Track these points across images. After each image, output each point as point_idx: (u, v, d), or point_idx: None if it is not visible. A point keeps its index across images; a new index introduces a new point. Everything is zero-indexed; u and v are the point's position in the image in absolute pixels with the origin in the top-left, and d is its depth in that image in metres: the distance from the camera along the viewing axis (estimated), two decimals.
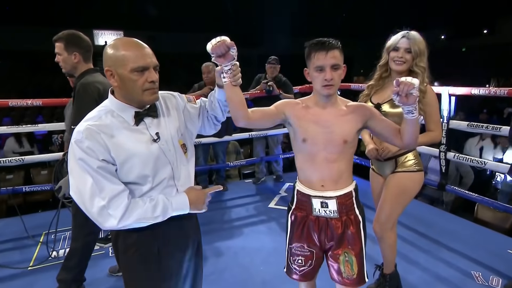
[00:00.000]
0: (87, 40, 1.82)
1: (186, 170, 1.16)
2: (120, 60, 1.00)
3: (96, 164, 0.97)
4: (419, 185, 1.72)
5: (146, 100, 1.04)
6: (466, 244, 2.44)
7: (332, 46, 1.17)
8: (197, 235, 1.24)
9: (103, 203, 0.97)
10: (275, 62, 3.63)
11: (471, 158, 2.64)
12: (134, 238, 1.07)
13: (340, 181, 1.27)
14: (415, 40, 1.60)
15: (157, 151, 1.06)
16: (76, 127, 1.01)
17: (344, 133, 1.24)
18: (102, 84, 1.77)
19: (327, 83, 1.18)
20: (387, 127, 1.28)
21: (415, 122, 1.18)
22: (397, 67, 1.62)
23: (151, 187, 1.06)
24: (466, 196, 2.71)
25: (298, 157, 1.31)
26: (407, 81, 1.08)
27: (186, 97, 1.25)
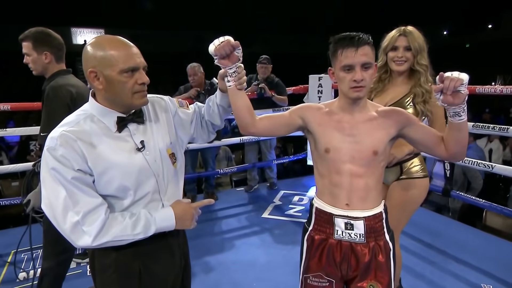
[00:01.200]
0: (58, 38, 1.78)
1: (174, 182, 1.13)
2: (107, 60, 0.96)
3: (70, 174, 0.93)
4: (425, 192, 1.71)
5: (136, 103, 1.02)
6: (475, 255, 2.44)
7: (363, 42, 1.08)
8: (184, 251, 1.20)
9: (76, 218, 0.93)
10: (266, 61, 3.62)
11: (477, 162, 2.65)
12: (113, 256, 1.03)
13: (368, 200, 1.16)
14: (413, 36, 1.59)
15: (141, 161, 1.03)
16: (50, 133, 0.97)
17: (374, 142, 1.14)
18: (75, 87, 1.73)
19: (357, 85, 1.09)
20: (428, 134, 1.16)
21: (463, 126, 1.06)
22: (398, 67, 1.62)
23: (133, 201, 1.03)
24: (473, 202, 2.72)
25: (319, 169, 1.22)
26: (453, 76, 0.97)
27: (177, 101, 1.22)
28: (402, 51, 1.60)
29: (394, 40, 1.61)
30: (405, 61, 1.61)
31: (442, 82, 0.99)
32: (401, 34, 1.61)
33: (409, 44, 1.59)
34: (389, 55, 1.64)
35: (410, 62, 1.61)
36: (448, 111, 1.05)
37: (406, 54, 1.60)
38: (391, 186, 1.72)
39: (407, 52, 1.60)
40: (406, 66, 1.62)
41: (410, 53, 1.59)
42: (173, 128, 1.16)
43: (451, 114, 1.05)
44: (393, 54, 1.62)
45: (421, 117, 1.60)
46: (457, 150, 1.11)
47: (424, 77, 1.59)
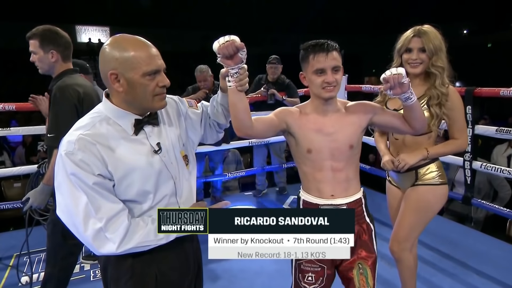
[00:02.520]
0: (66, 36, 1.82)
1: (188, 184, 1.15)
2: (130, 62, 0.96)
3: (91, 179, 0.94)
4: (442, 200, 1.69)
5: (156, 106, 1.04)
6: (497, 267, 2.40)
7: (332, 48, 1.23)
8: (198, 257, 1.22)
9: (99, 225, 0.94)
10: (276, 61, 3.62)
11: (500, 168, 2.61)
12: (129, 263, 1.04)
13: (349, 189, 1.33)
14: (428, 36, 1.57)
15: (159, 164, 1.05)
16: (66, 137, 0.99)
17: (349, 137, 1.30)
18: (82, 87, 1.76)
19: (329, 86, 1.24)
20: (393, 117, 1.36)
21: (416, 105, 1.27)
22: (413, 69, 1.61)
23: (152, 205, 1.04)
24: (496, 211, 2.67)
25: (302, 167, 1.35)
26: (392, 74, 1.18)
27: (187, 101, 1.24)
28: (417, 53, 1.59)
29: (408, 42, 1.60)
30: (420, 63, 1.59)
31: (387, 82, 1.20)
32: (415, 35, 1.59)
33: (424, 45, 1.57)
34: (403, 57, 1.63)
35: (426, 64, 1.59)
36: (401, 98, 1.25)
37: (420, 56, 1.58)
38: (407, 192, 1.71)
39: (422, 54, 1.58)
40: (422, 68, 1.60)
41: (425, 54, 1.58)
42: (185, 130, 1.19)
43: (403, 100, 1.25)
44: (407, 56, 1.61)
45: (436, 120, 1.58)
46: (418, 125, 1.32)
47: (440, 80, 1.57)
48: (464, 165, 2.73)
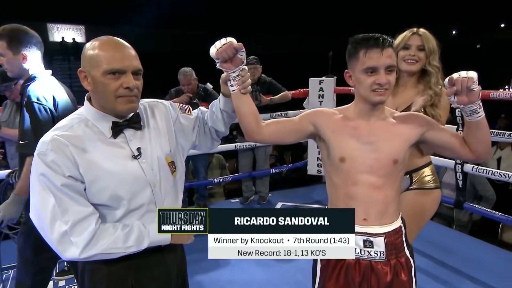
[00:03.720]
0: (37, 36, 1.76)
1: (172, 193, 1.15)
2: (94, 60, 1.00)
3: (60, 181, 0.95)
4: (437, 204, 1.72)
5: (119, 109, 1.03)
6: (491, 273, 2.46)
7: (388, 44, 1.10)
8: (182, 269, 1.21)
9: (65, 228, 0.95)
10: (255, 61, 3.61)
11: (492, 171, 2.68)
12: (104, 272, 1.04)
13: (387, 214, 1.18)
14: (427, 37, 1.62)
15: (136, 170, 1.05)
16: (42, 138, 1.00)
17: (394, 150, 1.16)
18: (57, 90, 1.72)
19: (380, 88, 1.11)
20: (450, 137, 1.18)
21: (483, 123, 1.09)
22: (409, 66, 1.63)
23: (126, 212, 1.04)
24: (488, 215, 2.74)
25: (333, 180, 1.22)
26: (463, 77, 1.02)
27: (179, 107, 1.24)
28: (415, 49, 1.62)
29: (407, 39, 1.64)
30: (417, 60, 1.62)
31: (453, 85, 1.04)
32: (415, 33, 1.64)
33: (423, 43, 1.61)
34: (399, 55, 1.65)
35: (422, 63, 1.63)
36: (464, 111, 1.08)
37: (418, 53, 1.62)
38: (400, 197, 1.73)
39: (420, 52, 1.62)
40: (418, 67, 1.64)
41: (423, 53, 1.62)
42: (174, 135, 1.18)
43: (468, 113, 1.08)
44: (404, 53, 1.64)
45: None
46: (482, 150, 1.12)
47: (436, 79, 1.61)
48: (456, 168, 2.80)
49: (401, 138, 1.17)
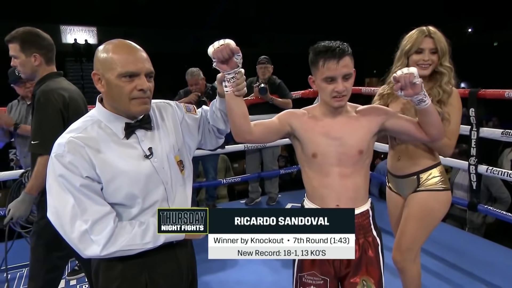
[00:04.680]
0: (48, 38, 1.82)
1: (182, 191, 1.20)
2: (108, 63, 1.04)
3: (79, 181, 1.00)
4: (446, 207, 1.71)
5: (133, 110, 1.07)
6: (506, 277, 2.42)
7: (343, 53, 1.21)
8: (192, 265, 1.25)
9: (85, 227, 0.99)
10: (266, 61, 3.63)
11: (507, 172, 2.65)
12: (119, 269, 1.09)
13: (357, 199, 1.31)
14: (438, 38, 1.60)
15: (149, 169, 1.10)
16: (57, 140, 1.04)
17: (358, 142, 1.29)
18: (68, 91, 1.77)
19: (338, 95, 1.23)
20: (407, 122, 1.34)
21: (431, 109, 1.26)
22: (423, 71, 1.59)
23: (141, 210, 1.09)
24: (503, 217, 2.71)
25: (308, 173, 1.35)
26: (404, 73, 1.19)
27: (185, 107, 1.29)
28: (428, 54, 1.60)
29: (420, 42, 1.60)
30: (430, 64, 1.61)
31: (398, 81, 1.21)
32: (427, 35, 1.60)
33: (436, 46, 1.59)
34: (412, 58, 1.62)
35: (435, 65, 1.62)
36: (414, 101, 1.26)
37: (432, 57, 1.60)
38: (408, 198, 1.73)
39: (433, 55, 1.60)
40: (431, 70, 1.62)
41: (436, 56, 1.60)
42: (181, 134, 1.23)
43: (416, 103, 1.26)
44: (418, 57, 1.61)
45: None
46: (435, 131, 1.31)
47: (448, 78, 1.60)
48: (469, 170, 2.77)
49: (364, 129, 1.31)
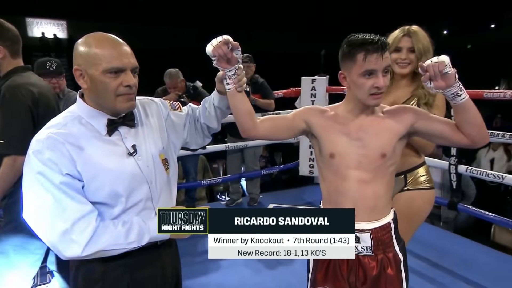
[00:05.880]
0: (13, 29, 1.72)
1: (167, 190, 1.17)
2: (91, 58, 1.00)
3: (58, 179, 0.96)
4: (431, 205, 1.75)
5: (119, 107, 1.04)
6: (485, 274, 2.50)
7: (386, 46, 1.13)
8: (177, 266, 1.24)
9: (65, 226, 0.95)
10: (248, 60, 3.61)
11: (486, 172, 2.74)
12: (100, 270, 1.06)
13: (376, 209, 1.22)
14: (417, 37, 1.63)
15: (133, 166, 1.07)
16: (35, 136, 1.00)
17: (382, 145, 1.19)
18: (37, 86, 1.68)
19: (378, 91, 1.14)
20: (441, 124, 1.20)
21: (468, 104, 1.12)
22: (401, 70, 1.66)
23: (124, 209, 1.06)
24: (483, 216, 2.80)
25: (324, 175, 1.28)
26: (433, 62, 1.08)
27: (169, 104, 1.27)
28: (406, 52, 1.64)
29: (398, 41, 1.65)
30: (408, 63, 1.65)
31: (427, 71, 1.09)
32: (405, 34, 1.64)
33: (413, 45, 1.62)
34: (392, 57, 1.66)
35: (414, 65, 1.64)
36: (446, 95, 1.13)
37: (409, 56, 1.64)
38: (395, 198, 1.75)
39: (411, 54, 1.64)
40: (410, 69, 1.66)
41: (414, 55, 1.63)
42: (165, 132, 1.21)
43: (450, 98, 1.12)
44: (396, 56, 1.66)
45: None
46: (475, 133, 1.14)
47: None
48: (450, 169, 2.85)
49: (390, 132, 1.21)
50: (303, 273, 1.35)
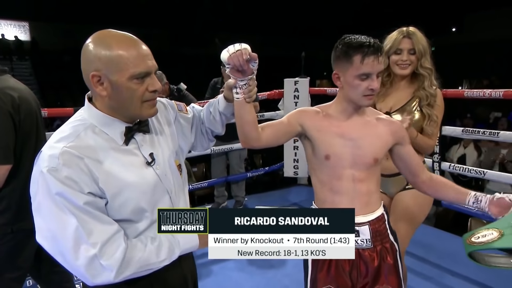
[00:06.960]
0: None
1: (183, 196, 1.13)
2: (115, 62, 0.90)
3: (81, 199, 0.88)
4: (431, 204, 1.80)
5: (145, 114, 0.98)
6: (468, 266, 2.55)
7: (381, 49, 1.17)
8: (194, 276, 1.20)
9: (93, 251, 0.87)
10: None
11: (468, 168, 2.87)
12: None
13: (370, 203, 1.28)
14: (417, 38, 1.68)
15: (153, 177, 1.00)
16: (45, 151, 0.90)
17: (375, 150, 1.25)
18: (16, 90, 1.58)
19: (372, 93, 1.19)
20: (414, 159, 1.32)
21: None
22: (402, 71, 1.70)
23: (149, 224, 0.99)
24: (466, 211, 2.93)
25: (319, 176, 1.30)
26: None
27: (176, 105, 1.20)
28: (406, 54, 1.68)
29: (398, 43, 1.69)
30: (409, 64, 1.69)
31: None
32: (405, 36, 1.69)
33: (414, 46, 1.67)
34: (392, 59, 1.71)
35: (414, 65, 1.69)
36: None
37: (410, 57, 1.68)
38: (397, 197, 1.79)
39: (412, 56, 1.68)
40: (410, 70, 1.70)
41: (414, 56, 1.68)
42: (175, 136, 1.15)
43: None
44: (396, 58, 1.69)
45: (428, 121, 1.69)
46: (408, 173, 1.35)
47: (429, 81, 1.69)
48: (433, 166, 2.96)
49: (381, 140, 1.27)
50: (296, 275, 1.35)
